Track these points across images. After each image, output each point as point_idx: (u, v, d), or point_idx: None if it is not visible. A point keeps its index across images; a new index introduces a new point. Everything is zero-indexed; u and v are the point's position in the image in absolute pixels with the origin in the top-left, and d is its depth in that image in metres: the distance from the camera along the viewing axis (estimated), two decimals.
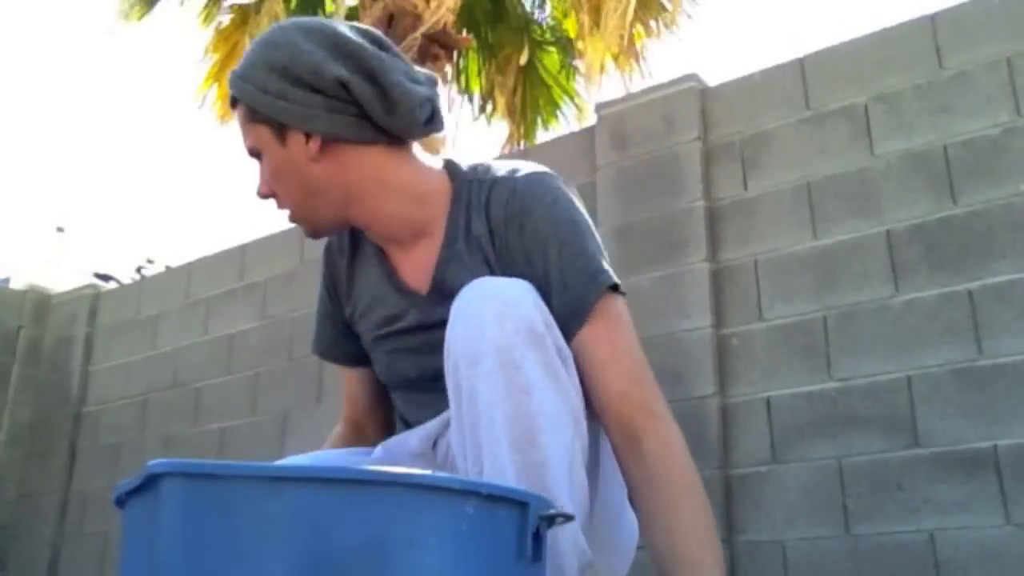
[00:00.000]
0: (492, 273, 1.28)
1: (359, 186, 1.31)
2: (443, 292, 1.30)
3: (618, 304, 1.26)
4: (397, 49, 1.33)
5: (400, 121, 1.28)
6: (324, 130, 1.27)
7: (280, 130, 1.29)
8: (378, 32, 1.33)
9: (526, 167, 1.33)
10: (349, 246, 1.49)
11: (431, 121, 1.32)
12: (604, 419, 1.22)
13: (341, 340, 1.56)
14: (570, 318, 1.22)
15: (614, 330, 1.24)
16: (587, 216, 1.32)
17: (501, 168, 1.33)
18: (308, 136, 1.27)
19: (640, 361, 1.26)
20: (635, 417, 1.20)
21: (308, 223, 1.37)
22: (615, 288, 1.26)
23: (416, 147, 1.37)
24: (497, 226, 1.28)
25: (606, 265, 1.27)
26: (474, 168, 1.35)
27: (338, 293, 1.55)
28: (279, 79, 1.26)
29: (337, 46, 1.26)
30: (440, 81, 6.99)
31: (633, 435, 1.19)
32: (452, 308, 1.15)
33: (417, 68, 1.33)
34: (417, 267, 1.36)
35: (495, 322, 1.09)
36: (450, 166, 1.36)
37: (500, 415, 1.08)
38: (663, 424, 1.21)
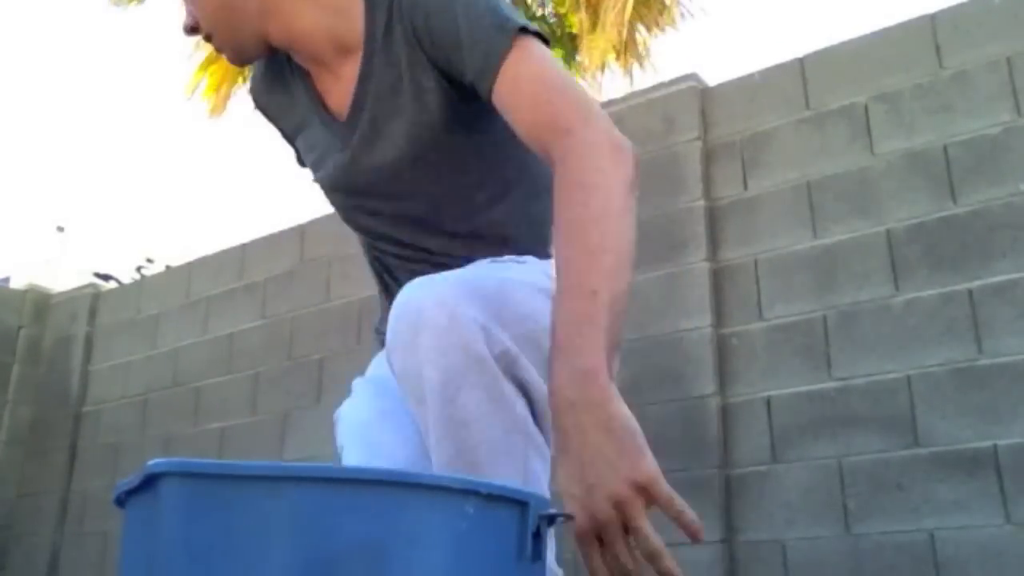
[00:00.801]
0: (412, 79, 1.21)
1: None
2: (360, 117, 1.27)
3: (532, 44, 1.13)
4: None
5: None
6: None
7: None
8: None
9: None
10: (266, 76, 1.42)
11: None
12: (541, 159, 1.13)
13: None
14: (484, 73, 1.12)
15: (525, 66, 1.12)
16: None
17: None
18: None
19: (551, 81, 1.11)
20: (548, 141, 1.07)
21: (231, 47, 1.30)
22: (525, 31, 1.13)
23: None
24: (405, 18, 1.21)
25: (513, 16, 1.15)
26: None
27: (272, 119, 1.48)
28: None
29: None
30: None
31: (553, 162, 1.07)
32: (389, 327, 1.07)
33: None
34: (342, 89, 1.29)
35: (432, 359, 1.02)
36: None
37: (443, 457, 1.04)
38: (573, 137, 1.06)
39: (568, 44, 7.49)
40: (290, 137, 1.45)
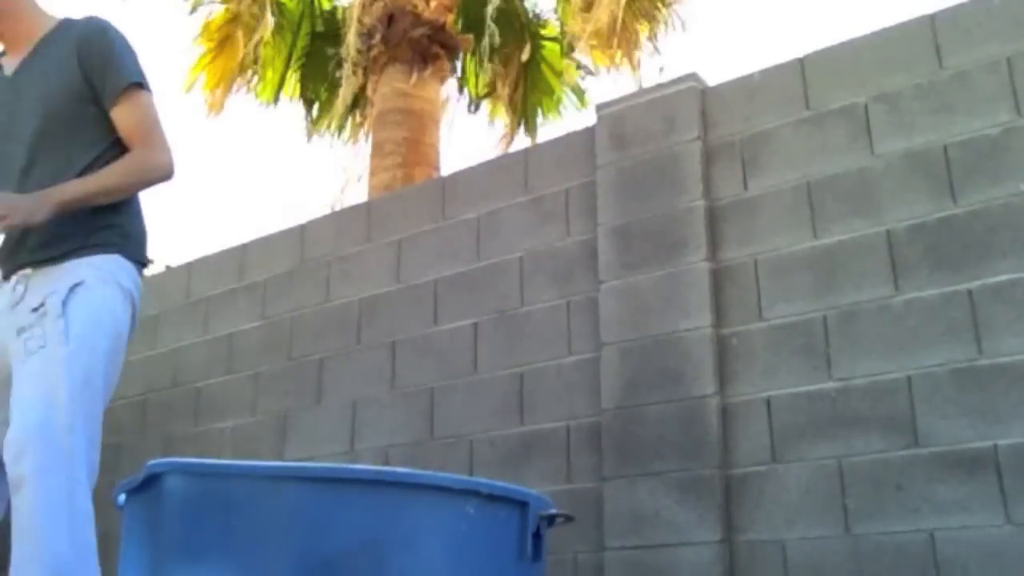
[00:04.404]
0: (58, 69, 2.14)
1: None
2: (23, 72, 2.19)
3: (143, 95, 2.17)
4: None
5: None
6: None
7: None
8: None
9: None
10: None
11: None
12: None
13: None
14: (108, 97, 2.13)
15: (133, 103, 2.15)
16: (132, 49, 2.21)
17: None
18: None
19: (147, 118, 2.17)
20: (133, 143, 2.16)
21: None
22: (141, 86, 2.16)
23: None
24: (72, 46, 2.14)
25: (137, 73, 2.17)
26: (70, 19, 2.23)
27: None
28: None
29: None
30: (441, 81, 7.01)
31: (130, 149, 2.17)
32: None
33: None
34: (16, 61, 2.21)
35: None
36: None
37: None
38: (143, 148, 2.15)
39: (567, 40, 7.50)
40: None
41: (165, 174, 2.18)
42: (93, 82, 2.14)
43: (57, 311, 1.99)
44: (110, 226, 2.14)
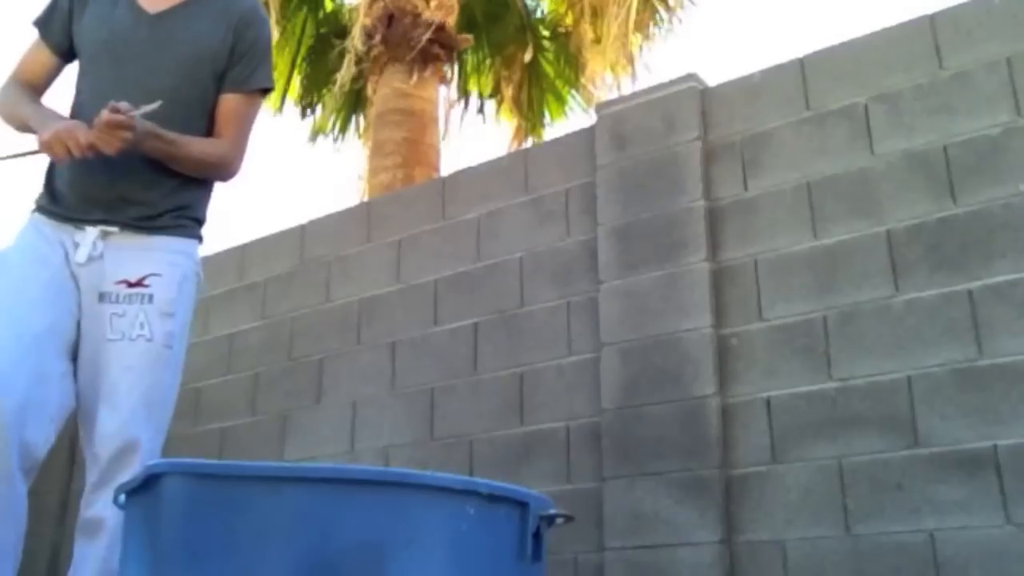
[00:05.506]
0: (211, 35, 2.08)
1: None
2: (170, 19, 2.07)
3: (260, 104, 2.22)
4: None
5: None
6: None
7: None
8: None
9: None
10: None
11: None
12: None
13: (62, 29, 2.12)
14: (235, 82, 2.12)
15: (245, 103, 2.14)
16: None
17: None
18: None
19: (246, 123, 2.17)
20: (222, 134, 2.14)
21: None
22: (265, 97, 2.22)
23: None
24: (232, 20, 2.11)
25: (271, 82, 2.22)
26: None
27: (73, 8, 2.13)
28: None
29: None
30: (441, 81, 7.02)
31: (216, 137, 2.14)
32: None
33: None
34: (162, 1, 2.09)
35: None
36: None
37: None
38: (226, 142, 2.13)
39: (567, 41, 7.50)
40: (75, 12, 2.13)
41: (227, 175, 2.16)
42: (231, 62, 2.11)
43: (168, 308, 1.98)
44: (196, 213, 2.13)
